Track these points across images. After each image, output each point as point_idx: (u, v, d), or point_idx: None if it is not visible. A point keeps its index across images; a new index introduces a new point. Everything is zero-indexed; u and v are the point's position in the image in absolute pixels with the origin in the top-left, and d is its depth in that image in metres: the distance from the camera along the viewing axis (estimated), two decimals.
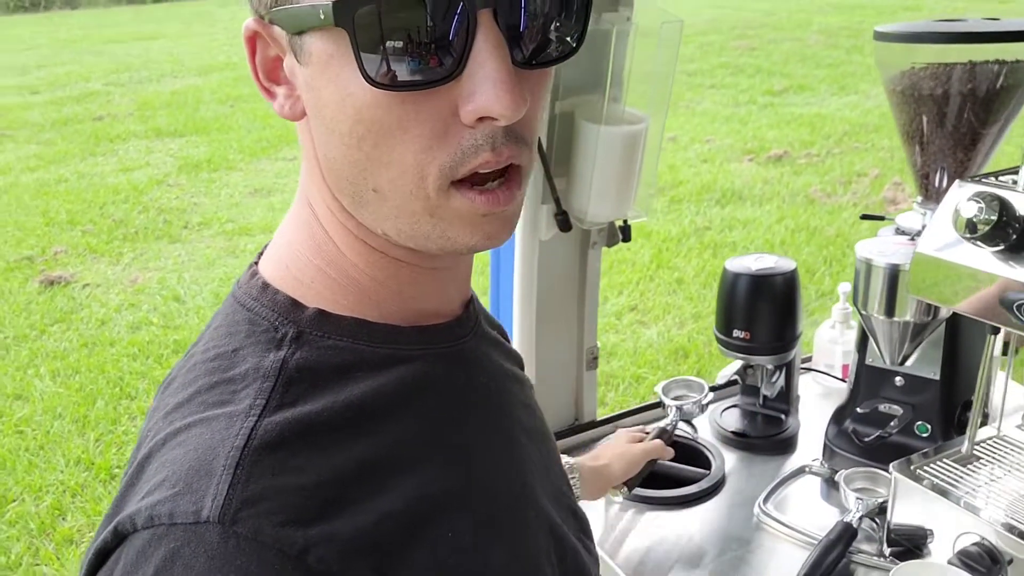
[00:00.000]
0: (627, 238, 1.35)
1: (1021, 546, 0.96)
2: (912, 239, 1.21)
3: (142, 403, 3.26)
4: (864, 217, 1.34)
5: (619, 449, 1.15)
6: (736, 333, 1.36)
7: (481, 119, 0.46)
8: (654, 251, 4.43)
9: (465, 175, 0.48)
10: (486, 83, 0.45)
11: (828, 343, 1.59)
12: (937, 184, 1.22)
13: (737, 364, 1.44)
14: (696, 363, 3.35)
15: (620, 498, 1.25)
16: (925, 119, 1.19)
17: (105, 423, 3.15)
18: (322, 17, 0.44)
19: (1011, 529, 0.97)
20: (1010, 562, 0.97)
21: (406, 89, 0.45)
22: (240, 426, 0.47)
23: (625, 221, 1.34)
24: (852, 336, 1.47)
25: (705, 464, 1.34)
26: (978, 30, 1.11)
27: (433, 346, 0.56)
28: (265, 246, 0.59)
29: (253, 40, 0.50)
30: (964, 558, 0.99)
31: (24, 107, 8.97)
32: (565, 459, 0.96)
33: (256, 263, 0.58)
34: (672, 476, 1.32)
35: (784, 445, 1.39)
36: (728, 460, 1.36)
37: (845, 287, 1.56)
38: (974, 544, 0.99)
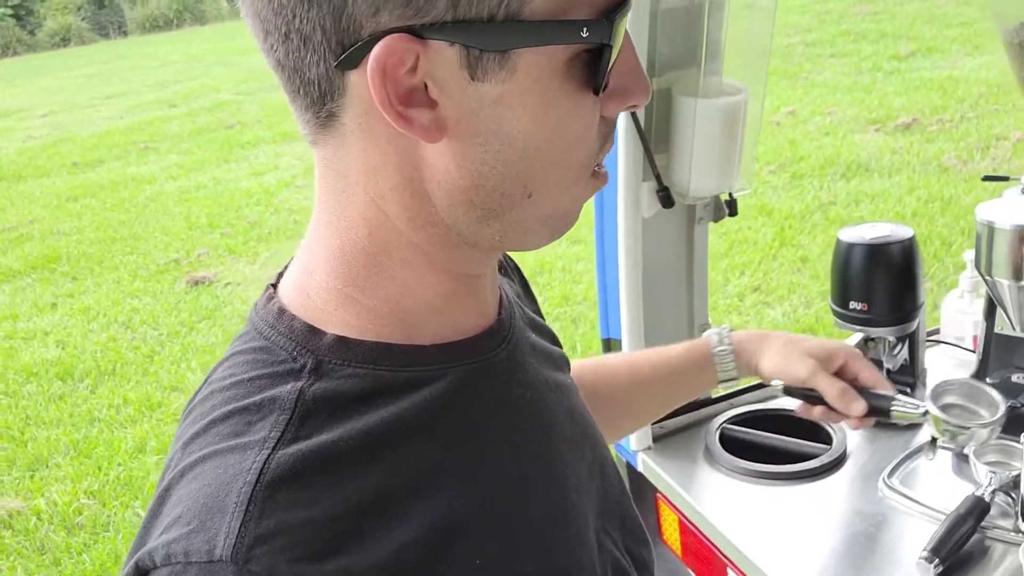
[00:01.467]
0: (733, 212, 1.33)
1: None
2: None
3: None
4: (987, 178, 1.28)
5: (791, 348, 0.93)
6: (853, 305, 1.32)
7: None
8: (776, 229, 4.30)
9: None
10: (636, 78, 0.52)
11: (956, 313, 1.52)
12: None
13: (856, 337, 1.40)
14: None
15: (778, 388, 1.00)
16: None
17: None
18: (585, 34, 0.47)
19: None
20: None
21: (603, 93, 0.50)
22: (253, 460, 0.46)
23: (730, 195, 1.32)
24: (982, 305, 1.40)
25: (826, 439, 1.31)
26: None
27: (459, 363, 0.55)
28: (285, 267, 0.57)
29: (385, 66, 0.45)
30: None
31: (164, 120, 9.57)
32: (716, 331, 0.92)
33: (275, 285, 0.56)
34: (791, 452, 1.30)
35: None
36: (851, 435, 1.33)
37: (971, 254, 1.48)
38: None
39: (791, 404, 1.40)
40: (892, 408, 0.89)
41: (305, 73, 0.48)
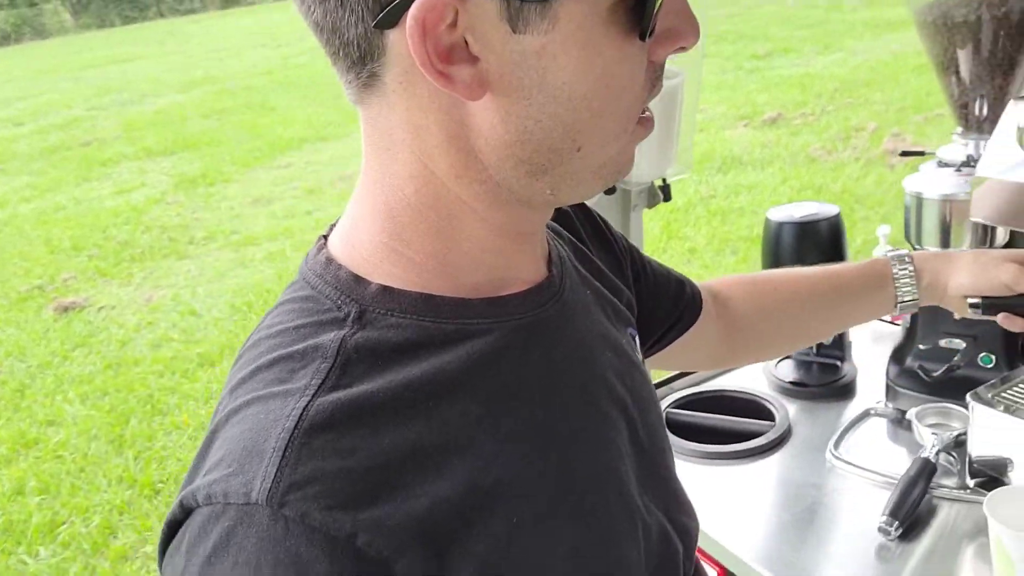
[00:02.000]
0: (667, 197, 1.34)
1: None
2: (958, 170, 1.20)
3: (175, 418, 3.26)
4: (904, 154, 1.34)
5: (984, 258, 0.87)
6: None
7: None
8: (663, 223, 4.42)
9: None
10: (685, 18, 0.50)
11: None
12: (977, 112, 1.22)
13: None
14: None
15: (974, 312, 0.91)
16: (959, 48, 1.18)
17: (141, 440, 3.15)
18: None
19: None
20: None
21: (650, 37, 0.48)
22: (293, 407, 0.46)
23: (664, 180, 1.33)
24: None
25: (768, 417, 1.34)
26: None
27: (507, 318, 0.54)
28: (338, 218, 0.57)
29: (424, 23, 0.44)
30: None
31: (10, 139, 8.94)
32: (895, 252, 0.87)
33: (326, 236, 0.56)
34: (736, 431, 1.31)
35: (844, 391, 1.39)
36: (792, 411, 1.36)
37: (885, 229, 1.55)
38: None
39: (729, 384, 1.44)
40: None
41: (344, 34, 0.47)
